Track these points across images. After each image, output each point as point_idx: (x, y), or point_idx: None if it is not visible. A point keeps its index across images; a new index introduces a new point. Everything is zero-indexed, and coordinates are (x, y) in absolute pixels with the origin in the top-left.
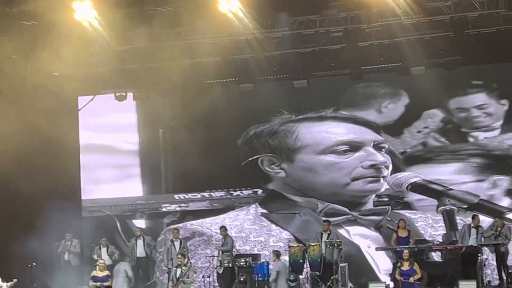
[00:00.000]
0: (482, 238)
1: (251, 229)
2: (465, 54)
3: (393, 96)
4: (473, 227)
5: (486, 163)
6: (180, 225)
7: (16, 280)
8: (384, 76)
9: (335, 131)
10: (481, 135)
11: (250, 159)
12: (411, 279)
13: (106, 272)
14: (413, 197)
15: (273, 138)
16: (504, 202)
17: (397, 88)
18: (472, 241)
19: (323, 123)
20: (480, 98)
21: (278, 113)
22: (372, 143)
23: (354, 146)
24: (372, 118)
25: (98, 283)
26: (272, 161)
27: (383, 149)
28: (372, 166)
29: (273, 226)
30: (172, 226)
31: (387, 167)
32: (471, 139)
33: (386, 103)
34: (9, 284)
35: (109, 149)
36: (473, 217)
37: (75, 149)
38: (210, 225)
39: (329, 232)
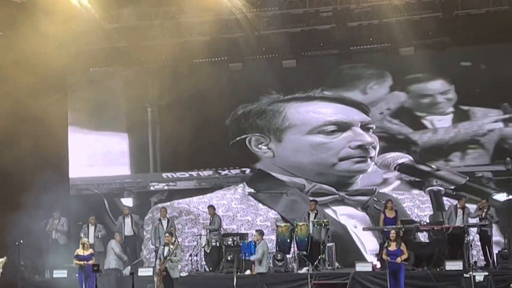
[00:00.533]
0: (469, 219)
1: (238, 208)
2: (454, 35)
3: (378, 77)
4: (459, 208)
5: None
6: (168, 203)
7: (6, 257)
8: (373, 57)
9: (323, 111)
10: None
11: (238, 138)
12: (398, 259)
13: (90, 251)
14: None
15: (261, 118)
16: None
17: (383, 70)
18: (458, 222)
19: (311, 103)
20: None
21: (267, 92)
22: (360, 124)
23: (341, 127)
24: (358, 99)
25: (81, 262)
26: (260, 140)
27: (370, 130)
28: (359, 146)
29: (260, 205)
30: (160, 205)
31: (374, 148)
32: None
33: (372, 84)
34: (2, 260)
35: (97, 127)
36: (459, 198)
37: (63, 127)
38: (198, 204)
39: (316, 211)
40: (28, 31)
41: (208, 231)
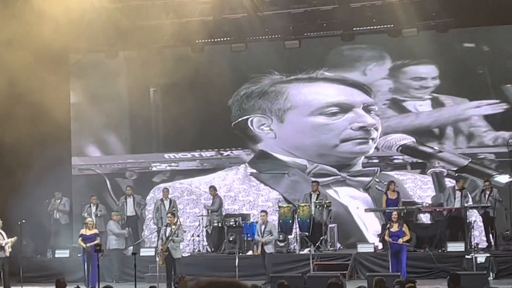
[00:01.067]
0: (470, 200)
1: (240, 189)
2: (457, 16)
3: (378, 59)
4: (457, 189)
5: None
6: (169, 184)
7: (16, 237)
8: (376, 38)
9: (325, 92)
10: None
11: (240, 119)
12: (400, 240)
13: (94, 231)
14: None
15: (263, 99)
16: None
17: (382, 51)
18: (457, 203)
19: (313, 84)
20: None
21: (269, 73)
22: (362, 105)
23: (343, 108)
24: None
25: (86, 242)
26: (262, 121)
27: (372, 111)
28: (361, 128)
29: (262, 186)
30: (162, 185)
31: (376, 129)
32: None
33: (371, 66)
34: (12, 239)
35: (100, 107)
36: (457, 180)
37: (65, 107)
38: (199, 184)
39: (318, 192)
40: (33, 10)
41: (209, 211)
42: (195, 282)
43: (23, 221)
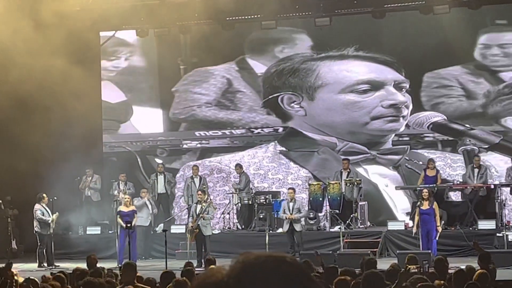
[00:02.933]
0: (488, 177)
1: (270, 167)
2: None
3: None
4: (475, 167)
5: None
6: (199, 161)
7: (57, 213)
8: (407, 15)
9: (356, 70)
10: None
11: (270, 97)
12: (439, 228)
13: (132, 207)
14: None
15: (294, 76)
16: None
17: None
18: (476, 181)
19: (344, 62)
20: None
21: (300, 50)
22: (393, 83)
23: (374, 85)
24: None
25: (123, 219)
26: (292, 99)
27: (403, 89)
28: (392, 105)
29: (292, 164)
30: (191, 163)
31: (407, 107)
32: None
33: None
34: (55, 216)
35: (130, 85)
36: (474, 157)
37: (96, 85)
38: (229, 162)
39: (349, 170)
40: None
41: (238, 189)
42: (243, 257)
43: (55, 198)
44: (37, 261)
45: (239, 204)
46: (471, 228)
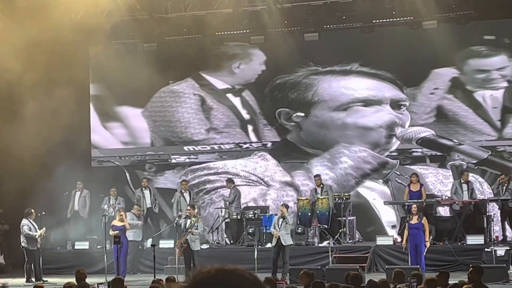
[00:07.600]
0: (477, 192)
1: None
2: (478, 8)
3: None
4: (463, 182)
5: None
6: (189, 176)
7: (45, 228)
8: (396, 31)
9: (355, 87)
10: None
11: (268, 111)
12: (427, 244)
13: (126, 223)
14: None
15: (293, 91)
16: None
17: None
18: (465, 196)
19: (346, 78)
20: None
21: (305, 64)
22: (390, 101)
23: (369, 104)
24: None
25: (116, 232)
26: (290, 114)
27: (402, 107)
28: (381, 126)
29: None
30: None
31: (402, 126)
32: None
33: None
34: (42, 231)
35: (119, 100)
36: (462, 173)
37: (85, 100)
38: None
39: (321, 185)
40: (52, 4)
41: (228, 203)
42: (197, 271)
43: (43, 212)
44: (25, 276)
45: (228, 219)
46: (459, 243)
